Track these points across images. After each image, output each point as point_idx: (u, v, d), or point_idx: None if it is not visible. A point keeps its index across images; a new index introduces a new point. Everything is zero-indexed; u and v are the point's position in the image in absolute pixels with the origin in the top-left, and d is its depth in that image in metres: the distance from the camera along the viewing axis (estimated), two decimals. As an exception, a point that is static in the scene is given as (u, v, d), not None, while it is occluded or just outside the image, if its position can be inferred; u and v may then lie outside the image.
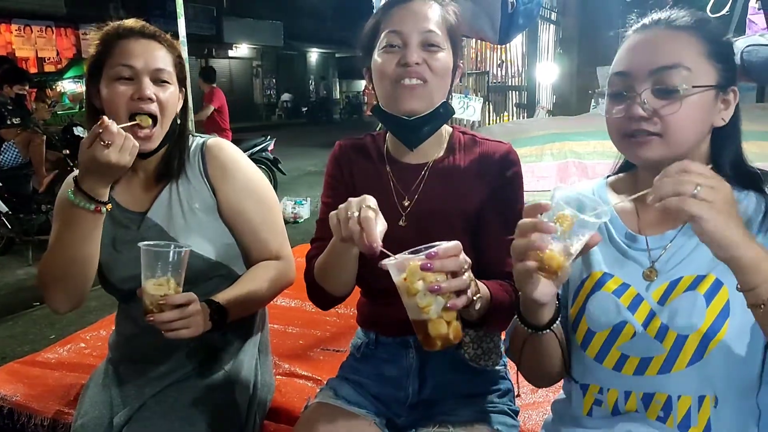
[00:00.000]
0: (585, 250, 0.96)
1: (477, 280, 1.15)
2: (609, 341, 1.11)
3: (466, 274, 1.03)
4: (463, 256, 1.02)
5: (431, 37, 1.29)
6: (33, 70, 14.62)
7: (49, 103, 7.97)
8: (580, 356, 1.15)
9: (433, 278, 0.98)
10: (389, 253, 1.03)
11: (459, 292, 1.02)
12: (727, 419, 1.05)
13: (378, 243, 1.03)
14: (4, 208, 5.48)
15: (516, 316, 1.11)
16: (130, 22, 1.45)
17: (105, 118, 1.28)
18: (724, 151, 1.10)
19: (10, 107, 5.83)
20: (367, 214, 1.05)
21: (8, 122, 5.70)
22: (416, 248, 1.03)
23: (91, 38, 1.48)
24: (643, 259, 1.11)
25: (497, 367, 1.42)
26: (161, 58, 1.44)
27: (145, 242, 1.26)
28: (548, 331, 1.07)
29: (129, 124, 1.37)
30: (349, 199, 1.10)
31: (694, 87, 1.01)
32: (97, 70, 1.44)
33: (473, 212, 1.34)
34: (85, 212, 1.34)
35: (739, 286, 0.90)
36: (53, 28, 15.98)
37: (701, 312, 1.03)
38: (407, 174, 1.38)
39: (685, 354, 1.04)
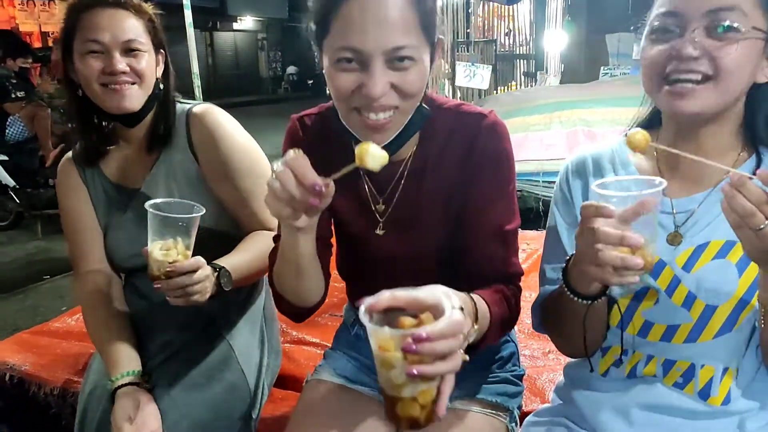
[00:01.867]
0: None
1: (476, 299, 0.99)
2: (631, 308, 1.08)
3: (461, 353, 0.79)
4: (462, 333, 0.79)
5: (401, 53, 0.98)
6: (37, 44, 14.51)
7: (52, 76, 7.93)
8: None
9: (417, 359, 0.74)
10: (328, 181, 0.87)
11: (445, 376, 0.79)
12: (747, 391, 1.04)
13: (316, 180, 0.86)
14: (11, 183, 5.49)
15: (546, 293, 1.06)
16: None
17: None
18: (759, 111, 1.03)
19: (14, 81, 5.80)
20: (290, 155, 0.88)
21: (12, 96, 5.68)
22: (404, 288, 0.80)
23: (59, 10, 1.44)
24: (668, 223, 1.06)
25: None
26: (130, 28, 1.38)
27: (152, 201, 1.21)
28: (603, 298, 1.00)
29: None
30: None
31: (753, 28, 0.93)
32: (68, 44, 1.40)
33: (459, 206, 1.16)
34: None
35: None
36: (56, 2, 15.85)
37: (733, 282, 0.99)
38: (383, 175, 1.07)
39: (714, 325, 1.01)
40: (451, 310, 0.77)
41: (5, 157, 5.53)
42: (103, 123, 1.49)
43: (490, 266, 1.14)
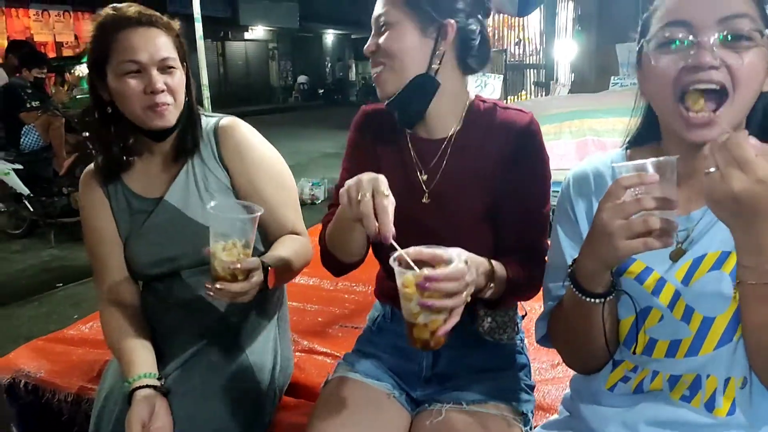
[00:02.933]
0: None
1: (494, 263, 1.17)
2: (635, 327, 1.08)
3: (465, 293, 1.01)
4: (464, 279, 1.00)
5: (380, 20, 1.28)
6: (51, 54, 14.70)
7: (67, 86, 8.02)
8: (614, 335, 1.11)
9: (428, 295, 0.98)
10: (397, 247, 1.03)
11: (452, 310, 1.01)
12: (752, 401, 1.04)
13: (389, 235, 1.03)
14: (26, 191, 5.55)
15: (551, 306, 1.07)
16: (126, 10, 1.41)
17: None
18: (755, 117, 1.02)
19: (30, 91, 5.87)
20: (383, 202, 1.03)
21: (28, 105, 5.75)
22: (428, 246, 1.03)
23: (88, 30, 1.45)
24: None
25: (513, 342, 1.41)
26: (164, 46, 1.41)
27: (213, 203, 1.24)
28: (612, 296, 1.01)
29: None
30: (360, 177, 1.07)
31: (761, 36, 0.93)
32: (100, 64, 1.41)
33: (495, 188, 1.30)
34: None
35: (738, 259, 0.89)
36: (71, 12, 16.06)
37: (728, 294, 0.99)
38: (427, 149, 1.35)
39: (713, 336, 1.01)
40: (458, 261, 1.00)
41: (20, 166, 5.59)
42: (129, 137, 1.51)
43: (519, 243, 1.29)
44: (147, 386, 1.37)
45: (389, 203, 1.04)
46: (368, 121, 1.45)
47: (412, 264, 1.00)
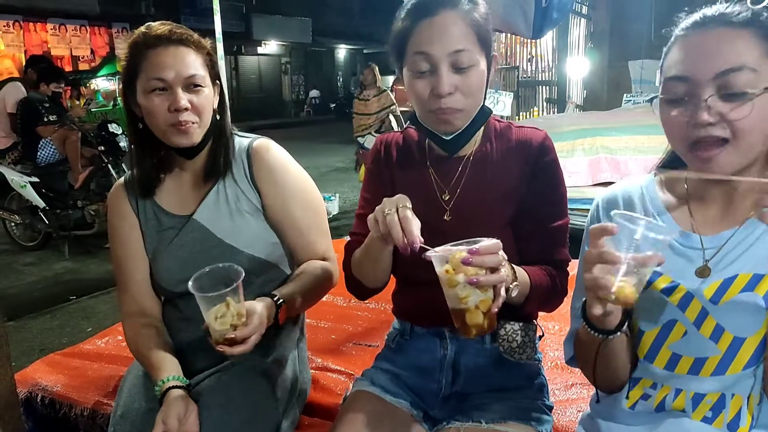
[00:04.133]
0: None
1: (516, 266, 1.19)
2: (659, 340, 1.09)
3: (504, 269, 1.06)
4: (501, 253, 1.06)
5: (461, 58, 1.23)
6: (68, 68, 14.89)
7: (84, 100, 8.13)
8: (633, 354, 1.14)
9: (473, 272, 1.03)
10: (428, 247, 1.07)
11: (496, 286, 1.06)
12: (766, 416, 1.04)
13: (417, 240, 1.08)
14: (42, 204, 5.61)
15: (582, 323, 1.08)
16: (158, 28, 1.44)
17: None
18: None
19: (47, 105, 5.94)
20: (406, 213, 1.09)
21: (45, 119, 5.82)
22: (457, 242, 1.07)
23: (121, 47, 1.48)
24: (697, 258, 1.07)
25: (531, 362, 1.42)
26: (191, 64, 1.43)
27: (194, 278, 1.24)
28: (618, 334, 1.04)
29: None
30: (384, 199, 1.14)
31: (765, 89, 0.95)
32: (131, 80, 1.45)
33: (513, 202, 1.34)
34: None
35: None
36: (87, 27, 16.24)
37: (760, 314, 1.00)
38: (447, 168, 1.39)
39: (742, 357, 1.02)
40: (489, 239, 1.05)
41: (36, 179, 5.66)
42: (161, 153, 1.53)
43: (538, 256, 1.32)
44: (179, 387, 1.39)
45: (413, 216, 1.10)
46: (385, 150, 1.48)
47: (446, 252, 1.05)
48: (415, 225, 1.09)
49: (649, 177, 1.22)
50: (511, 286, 1.13)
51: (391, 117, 7.10)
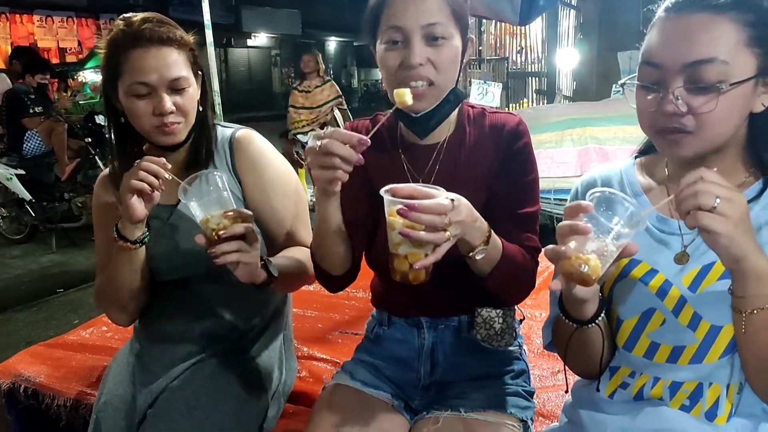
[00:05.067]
0: (620, 257, 0.94)
1: (493, 232, 1.15)
2: (638, 329, 1.09)
3: (448, 231, 1.03)
4: (447, 216, 1.01)
5: (435, 30, 1.19)
6: (55, 60, 14.73)
7: (70, 92, 8.06)
8: (610, 343, 1.14)
9: (409, 224, 1.01)
10: (366, 138, 1.07)
11: (435, 247, 1.04)
12: (747, 405, 1.04)
13: (360, 136, 1.06)
14: (28, 196, 5.57)
15: (558, 311, 1.09)
16: (138, 23, 1.37)
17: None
18: (760, 138, 1.04)
19: (33, 96, 5.90)
20: (332, 129, 1.08)
21: (31, 111, 5.78)
22: (429, 185, 1.06)
23: (100, 44, 1.43)
24: (675, 244, 1.07)
25: (511, 348, 1.41)
26: (175, 65, 1.38)
27: (183, 189, 1.24)
28: (593, 324, 1.04)
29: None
30: (306, 148, 1.12)
31: (731, 84, 0.94)
32: (112, 79, 1.40)
33: (486, 187, 1.31)
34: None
35: (731, 288, 0.92)
36: (74, 19, 16.10)
37: None
38: (420, 155, 1.35)
39: (719, 345, 1.01)
40: (442, 198, 1.02)
41: (22, 172, 5.61)
42: (144, 147, 1.50)
43: (511, 241, 1.24)
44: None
45: (336, 129, 1.08)
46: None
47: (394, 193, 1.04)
48: (345, 131, 1.08)
49: (629, 161, 1.21)
50: (477, 248, 1.10)
51: (337, 111, 6.46)
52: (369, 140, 1.07)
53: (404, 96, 1.14)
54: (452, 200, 1.03)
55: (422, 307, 1.36)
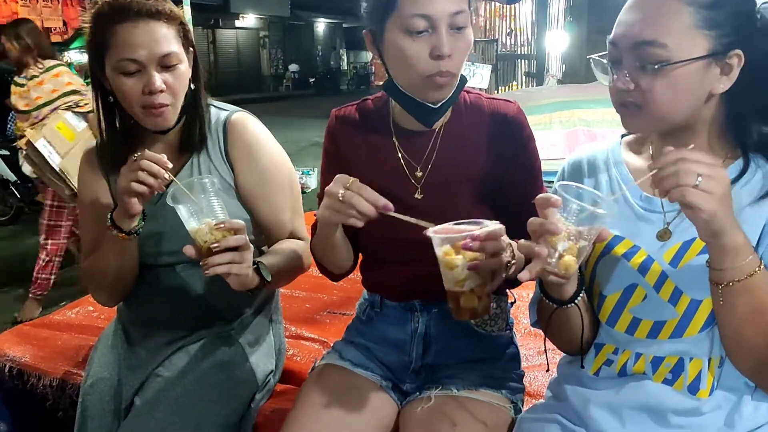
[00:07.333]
0: (596, 243, 0.96)
1: (512, 242, 1.13)
2: (620, 304, 1.10)
3: (506, 254, 1.04)
4: (504, 239, 1.03)
5: (458, 19, 1.16)
6: (39, 40, 14.53)
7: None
8: (592, 320, 1.15)
9: (473, 257, 1.01)
10: (401, 216, 1.07)
11: (494, 272, 1.04)
12: (729, 379, 1.06)
13: (386, 201, 1.07)
14: (13, 177, 5.51)
15: (539, 291, 1.10)
16: None
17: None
18: (742, 116, 1.05)
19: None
20: (359, 184, 1.07)
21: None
22: (459, 221, 1.05)
23: (85, 18, 1.35)
24: (658, 221, 1.09)
25: (503, 332, 1.41)
26: (165, 40, 1.31)
27: (171, 196, 1.20)
28: (573, 305, 1.06)
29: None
30: (325, 190, 1.10)
31: (672, 63, 0.96)
32: (99, 55, 1.34)
33: (489, 177, 1.30)
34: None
35: (709, 261, 0.94)
36: (59, -2, 15.87)
37: None
38: (416, 143, 1.31)
39: (698, 319, 1.03)
40: (492, 224, 1.02)
41: (6, 152, 5.54)
42: (132, 127, 1.45)
43: (522, 231, 1.22)
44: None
45: (363, 185, 1.08)
46: (343, 126, 1.39)
47: (447, 234, 1.03)
48: (372, 191, 1.08)
49: (615, 140, 1.23)
50: (510, 263, 1.08)
51: (68, 115, 3.73)
52: (393, 207, 1.08)
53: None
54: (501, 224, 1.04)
55: (416, 291, 1.35)
